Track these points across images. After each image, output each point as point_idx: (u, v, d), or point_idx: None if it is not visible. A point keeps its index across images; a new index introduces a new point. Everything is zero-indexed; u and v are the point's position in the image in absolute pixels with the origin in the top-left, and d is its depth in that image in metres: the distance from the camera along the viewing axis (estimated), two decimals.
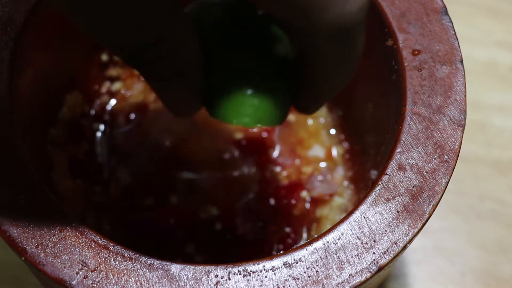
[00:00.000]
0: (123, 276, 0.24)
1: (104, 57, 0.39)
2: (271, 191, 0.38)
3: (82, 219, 0.36)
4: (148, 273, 0.24)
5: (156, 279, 0.24)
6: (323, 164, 0.38)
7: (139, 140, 0.38)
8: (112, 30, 0.20)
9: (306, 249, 0.24)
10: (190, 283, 0.24)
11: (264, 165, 0.38)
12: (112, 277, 0.24)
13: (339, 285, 0.24)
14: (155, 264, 0.24)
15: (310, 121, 0.39)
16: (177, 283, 0.24)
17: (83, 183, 0.37)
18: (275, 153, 0.39)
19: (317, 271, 0.24)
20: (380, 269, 0.24)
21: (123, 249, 0.24)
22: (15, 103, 0.29)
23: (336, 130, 0.39)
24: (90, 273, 0.24)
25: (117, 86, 0.39)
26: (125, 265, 0.24)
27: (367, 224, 0.25)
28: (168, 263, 0.24)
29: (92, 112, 0.39)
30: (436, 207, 0.25)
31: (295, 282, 0.24)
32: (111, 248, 0.24)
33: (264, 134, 0.39)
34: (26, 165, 0.27)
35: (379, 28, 0.30)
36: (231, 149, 0.39)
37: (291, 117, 0.40)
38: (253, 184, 0.38)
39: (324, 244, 0.24)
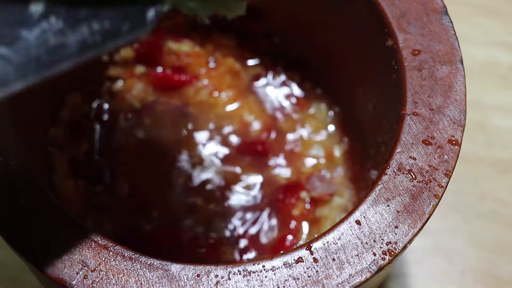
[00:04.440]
0: (123, 276, 0.24)
1: (104, 57, 0.39)
2: (271, 191, 0.38)
3: (83, 219, 0.36)
4: (148, 273, 0.24)
5: (156, 279, 0.24)
6: (322, 164, 0.38)
7: (139, 140, 0.38)
8: None
9: (306, 249, 0.24)
10: (190, 283, 0.24)
11: (264, 165, 0.38)
12: (112, 277, 0.24)
13: (339, 285, 0.24)
14: (155, 264, 0.24)
15: (310, 121, 0.40)
16: (177, 283, 0.24)
17: (84, 183, 0.37)
18: (275, 153, 0.39)
19: (317, 271, 0.24)
20: (380, 269, 0.24)
21: (123, 249, 0.24)
22: (15, 104, 0.29)
23: (336, 130, 0.39)
24: (90, 273, 0.24)
25: (117, 86, 0.40)
26: (125, 265, 0.24)
27: (367, 224, 0.25)
28: (168, 263, 0.24)
29: (92, 112, 0.39)
30: (436, 207, 0.25)
31: (295, 282, 0.24)
32: (111, 248, 0.24)
33: (264, 135, 0.39)
34: (27, 164, 0.27)
35: (379, 28, 0.30)
36: (231, 149, 0.39)
37: (291, 117, 0.40)
38: (252, 184, 0.38)
39: (324, 244, 0.24)
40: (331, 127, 0.39)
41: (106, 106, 0.39)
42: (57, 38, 0.20)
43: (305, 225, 0.37)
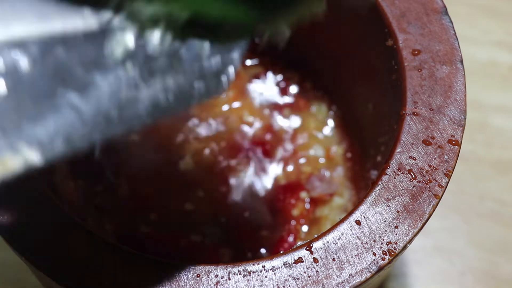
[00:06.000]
0: (123, 276, 0.24)
1: None
2: (270, 191, 0.38)
3: (83, 219, 0.36)
4: (148, 273, 0.24)
5: (156, 279, 0.24)
6: (322, 164, 0.38)
7: (139, 140, 0.38)
8: None
9: (306, 249, 0.24)
10: (190, 283, 0.24)
11: (263, 165, 0.38)
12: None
13: (339, 285, 0.24)
14: (155, 263, 0.24)
15: (310, 121, 0.40)
16: (177, 283, 0.24)
17: (84, 183, 0.37)
18: (274, 153, 0.39)
19: (317, 271, 0.24)
20: (380, 269, 0.24)
21: (123, 248, 0.24)
22: None
23: (336, 130, 0.39)
24: (90, 272, 0.24)
25: None
26: (125, 265, 0.24)
27: (367, 224, 0.25)
28: (168, 263, 0.24)
29: None
30: (436, 207, 0.25)
31: (295, 282, 0.24)
32: (111, 247, 0.24)
33: (264, 135, 0.39)
34: None
35: (379, 28, 0.30)
36: (230, 149, 0.39)
37: (291, 117, 0.40)
38: (252, 185, 0.38)
39: (324, 244, 0.24)
40: (331, 127, 0.39)
41: None
42: (129, 90, 0.17)
43: (305, 225, 0.37)
